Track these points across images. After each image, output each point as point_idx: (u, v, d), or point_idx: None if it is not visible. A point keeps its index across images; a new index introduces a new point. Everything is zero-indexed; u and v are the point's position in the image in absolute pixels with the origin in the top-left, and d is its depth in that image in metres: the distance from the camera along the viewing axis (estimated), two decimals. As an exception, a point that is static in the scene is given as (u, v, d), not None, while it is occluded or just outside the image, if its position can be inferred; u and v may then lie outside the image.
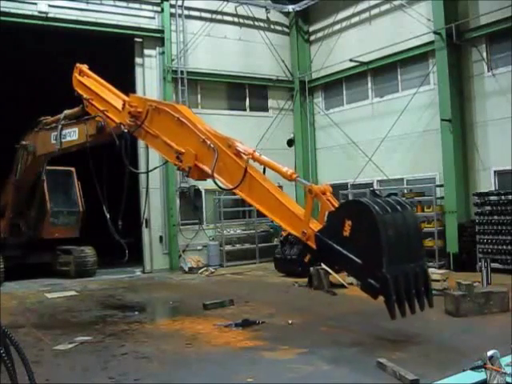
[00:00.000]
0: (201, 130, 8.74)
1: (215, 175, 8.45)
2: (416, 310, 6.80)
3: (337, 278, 12.09)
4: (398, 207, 6.96)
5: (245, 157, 8.19)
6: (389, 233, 6.58)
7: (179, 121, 9.00)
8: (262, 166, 8.28)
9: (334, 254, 7.09)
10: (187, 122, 8.92)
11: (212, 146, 8.46)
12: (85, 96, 11.00)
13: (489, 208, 13.69)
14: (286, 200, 8.02)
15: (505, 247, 13.13)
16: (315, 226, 7.49)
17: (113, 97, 10.64)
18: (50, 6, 15.51)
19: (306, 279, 12.74)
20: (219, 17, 18.73)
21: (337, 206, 7.43)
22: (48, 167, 15.36)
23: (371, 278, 6.60)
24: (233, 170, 8.28)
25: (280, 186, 13.37)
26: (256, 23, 19.49)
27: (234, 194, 9.16)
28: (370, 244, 6.63)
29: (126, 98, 10.29)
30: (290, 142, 20.07)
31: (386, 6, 16.98)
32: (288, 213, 7.81)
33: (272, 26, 19.86)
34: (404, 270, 6.67)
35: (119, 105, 10.21)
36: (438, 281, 11.02)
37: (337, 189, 17.76)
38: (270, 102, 19.94)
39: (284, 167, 8.06)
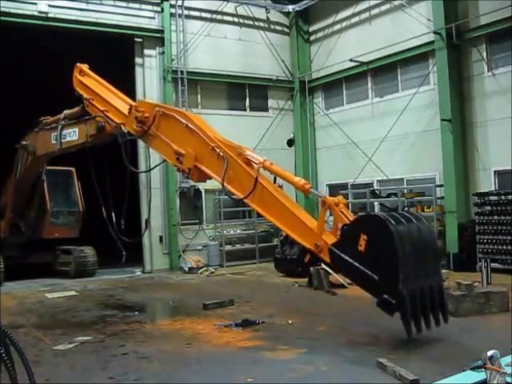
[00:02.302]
0: (210, 138, 8.58)
1: (225, 184, 8.32)
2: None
3: (337, 277, 12.08)
4: (414, 221, 6.88)
5: (255, 166, 8.07)
6: (405, 248, 6.51)
7: (188, 128, 8.85)
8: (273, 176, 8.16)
9: (349, 268, 7.01)
10: (196, 130, 8.76)
11: (222, 154, 8.32)
12: (85, 96, 10.98)
13: (489, 208, 13.69)
14: (299, 211, 7.89)
15: (505, 247, 13.12)
16: (328, 238, 7.38)
17: (118, 101, 10.51)
18: (50, 6, 15.50)
19: (306, 279, 12.74)
20: (219, 17, 18.73)
21: (350, 218, 7.34)
22: (48, 167, 15.36)
23: (387, 294, 6.54)
24: (243, 179, 8.16)
25: (280, 186, 13.32)
26: (256, 23, 19.49)
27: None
28: (386, 259, 6.55)
29: (132, 102, 10.15)
30: (290, 142, 20.07)
31: (386, 6, 16.98)
32: (300, 224, 7.69)
33: (272, 26, 19.86)
34: (420, 286, 6.62)
35: (125, 110, 10.04)
36: (437, 281, 11.04)
37: (337, 189, 17.86)
38: (270, 102, 19.94)
39: (296, 177, 7.94)
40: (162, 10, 17.49)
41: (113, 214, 10.91)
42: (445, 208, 14.65)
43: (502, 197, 13.44)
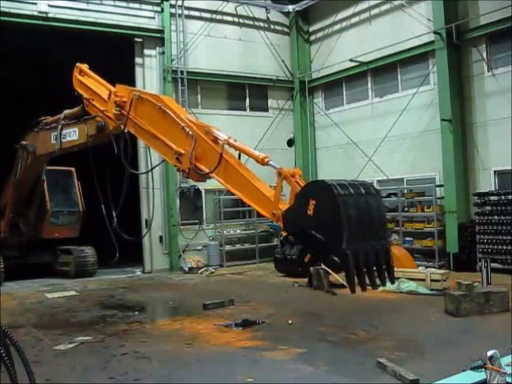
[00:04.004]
0: (181, 118, 9.01)
1: (193, 161, 8.75)
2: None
3: (337, 278, 12.08)
4: (362, 189, 7.22)
5: (221, 143, 8.50)
6: (349, 211, 6.83)
7: (161, 109, 9.25)
8: (238, 152, 8.56)
9: (300, 232, 7.35)
10: (168, 111, 9.18)
11: (191, 133, 8.77)
12: (85, 96, 11.01)
13: (489, 208, 13.70)
14: (259, 184, 8.30)
15: (505, 247, 13.13)
16: (284, 206, 7.73)
17: (101, 88, 10.74)
18: (50, 5, 15.49)
19: (306, 279, 12.74)
20: (219, 17, 18.73)
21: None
22: (48, 167, 15.35)
23: (333, 254, 6.84)
24: (210, 155, 8.61)
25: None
26: (256, 23, 19.49)
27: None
28: (332, 222, 6.85)
29: (112, 88, 10.45)
30: (290, 142, 20.07)
31: (386, 6, 16.98)
32: (260, 195, 8.10)
33: (272, 26, 19.85)
34: (364, 247, 6.92)
35: (105, 95, 10.37)
36: (437, 281, 11.05)
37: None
38: (270, 102, 19.94)
39: (256, 152, 8.34)
40: (162, 10, 17.48)
41: (113, 214, 10.89)
42: (445, 208, 14.66)
43: (502, 197, 13.44)
